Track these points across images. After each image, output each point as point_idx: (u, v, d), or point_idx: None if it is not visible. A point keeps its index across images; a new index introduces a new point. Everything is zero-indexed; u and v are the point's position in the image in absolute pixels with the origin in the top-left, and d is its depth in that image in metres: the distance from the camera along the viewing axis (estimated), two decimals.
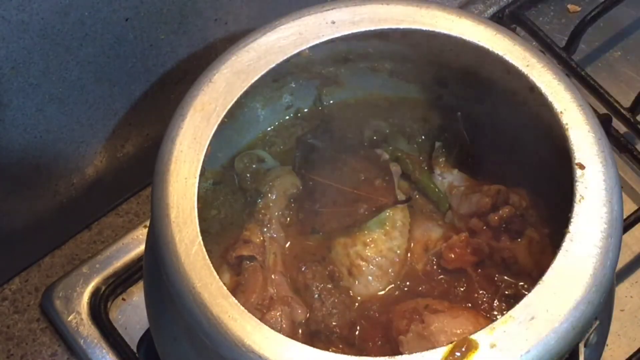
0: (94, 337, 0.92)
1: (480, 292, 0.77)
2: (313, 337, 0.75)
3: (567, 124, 0.71)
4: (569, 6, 1.12)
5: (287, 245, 0.80)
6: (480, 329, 0.64)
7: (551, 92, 0.73)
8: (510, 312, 0.64)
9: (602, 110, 1.01)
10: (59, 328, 0.93)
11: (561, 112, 0.72)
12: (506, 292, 0.76)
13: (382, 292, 0.78)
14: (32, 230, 0.94)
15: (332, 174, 0.83)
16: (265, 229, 0.79)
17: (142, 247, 0.90)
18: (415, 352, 0.63)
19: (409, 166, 0.83)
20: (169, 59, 0.90)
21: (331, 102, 0.86)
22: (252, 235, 0.78)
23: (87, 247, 0.99)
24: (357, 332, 0.76)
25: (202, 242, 0.67)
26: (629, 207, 0.96)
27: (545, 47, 1.04)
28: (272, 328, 0.64)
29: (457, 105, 0.83)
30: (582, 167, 0.69)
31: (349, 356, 0.63)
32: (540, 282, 0.65)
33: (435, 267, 0.79)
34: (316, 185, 0.82)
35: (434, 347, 0.63)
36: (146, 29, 0.85)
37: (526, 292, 0.66)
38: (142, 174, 0.95)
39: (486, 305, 0.76)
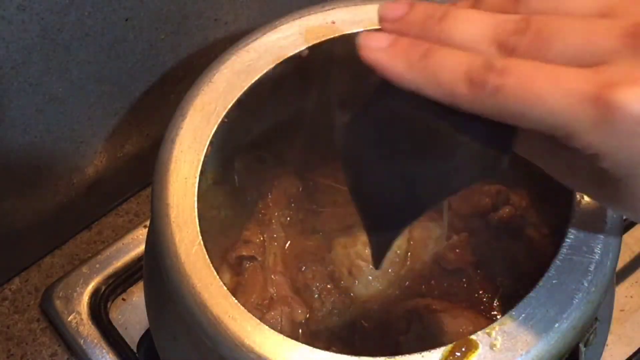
0: (94, 337, 0.92)
1: (480, 292, 0.77)
2: (313, 337, 0.75)
3: None
4: None
5: (287, 245, 0.80)
6: (480, 329, 0.64)
7: None
8: (510, 312, 0.64)
9: None
10: (59, 328, 0.93)
11: None
12: (506, 292, 0.76)
13: (382, 292, 0.78)
14: (32, 230, 0.94)
15: (332, 174, 0.83)
16: (265, 229, 0.80)
17: (142, 247, 0.90)
18: (415, 352, 0.63)
19: None
20: (169, 59, 0.90)
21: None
22: (252, 235, 0.78)
23: (87, 247, 0.99)
24: (357, 332, 0.76)
25: (202, 242, 0.67)
26: None
27: None
28: (272, 328, 0.64)
29: None
30: None
31: (349, 356, 0.63)
32: (540, 282, 0.65)
33: (435, 267, 0.79)
34: (316, 185, 0.82)
35: (434, 347, 0.63)
36: (146, 29, 0.85)
37: (526, 292, 0.66)
38: (142, 174, 0.95)
39: (486, 305, 0.76)
